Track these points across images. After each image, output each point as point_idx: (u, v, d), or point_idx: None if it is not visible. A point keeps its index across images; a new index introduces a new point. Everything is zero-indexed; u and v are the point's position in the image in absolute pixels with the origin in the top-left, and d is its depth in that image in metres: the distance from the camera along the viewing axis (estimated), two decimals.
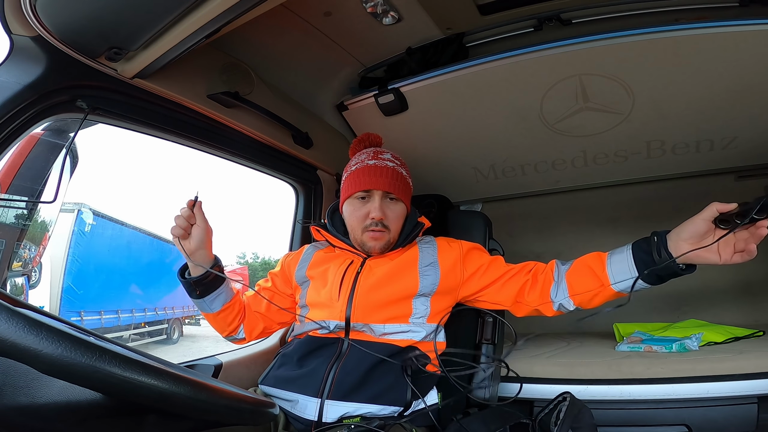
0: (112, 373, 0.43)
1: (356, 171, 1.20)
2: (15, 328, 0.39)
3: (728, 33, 1.28)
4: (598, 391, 1.32)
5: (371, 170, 1.17)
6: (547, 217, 2.36)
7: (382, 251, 1.20)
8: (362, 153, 1.25)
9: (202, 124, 1.29)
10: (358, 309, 1.13)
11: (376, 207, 1.15)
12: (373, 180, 1.16)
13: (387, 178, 1.17)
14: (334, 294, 1.16)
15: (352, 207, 1.20)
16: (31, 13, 0.84)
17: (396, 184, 1.18)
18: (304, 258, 1.30)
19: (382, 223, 1.16)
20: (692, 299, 2.06)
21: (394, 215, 1.19)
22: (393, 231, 1.20)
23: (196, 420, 0.61)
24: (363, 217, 1.17)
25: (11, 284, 1.57)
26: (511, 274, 1.18)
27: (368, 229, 1.17)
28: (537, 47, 1.42)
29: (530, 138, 1.78)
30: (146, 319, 8.94)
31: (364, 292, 1.15)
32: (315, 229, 1.30)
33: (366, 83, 1.70)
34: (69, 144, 1.04)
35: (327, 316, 1.15)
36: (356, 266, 1.20)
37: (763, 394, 1.19)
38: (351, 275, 1.18)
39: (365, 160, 1.20)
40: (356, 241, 1.22)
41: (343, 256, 1.24)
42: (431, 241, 1.28)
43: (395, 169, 1.20)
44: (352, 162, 1.25)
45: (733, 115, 1.57)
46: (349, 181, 1.21)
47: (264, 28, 1.32)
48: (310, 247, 1.34)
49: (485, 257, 1.24)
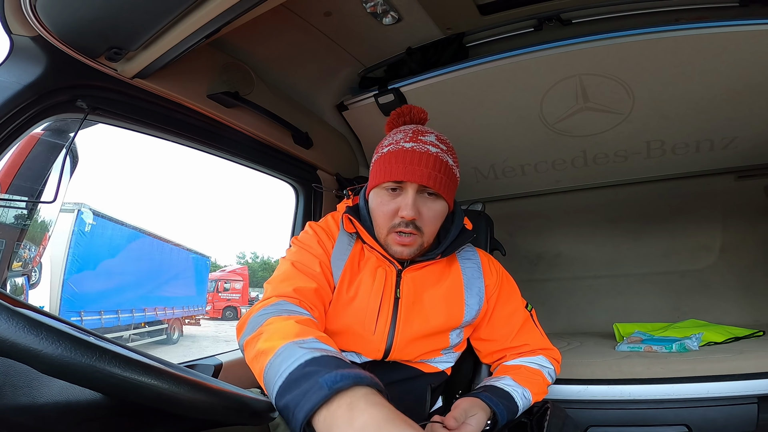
0: (112, 373, 0.43)
1: (388, 155, 0.93)
2: (15, 328, 0.39)
3: (728, 33, 1.28)
4: (598, 391, 1.32)
5: (407, 156, 0.91)
6: (547, 217, 2.36)
7: (412, 257, 0.98)
8: (399, 131, 0.97)
9: (202, 124, 1.29)
10: (397, 347, 0.96)
11: (408, 204, 0.90)
12: (408, 169, 0.90)
13: (426, 167, 0.90)
14: (370, 325, 0.95)
15: (380, 199, 0.95)
16: (31, 13, 0.84)
17: (437, 176, 0.91)
18: (340, 248, 1.00)
19: (414, 223, 0.92)
20: (692, 299, 2.07)
21: (431, 215, 0.94)
22: (427, 234, 0.95)
23: (196, 420, 0.61)
24: (391, 214, 0.93)
25: (11, 284, 1.57)
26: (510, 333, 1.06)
27: (395, 230, 0.93)
28: (537, 47, 1.42)
29: (530, 138, 1.78)
30: (146, 319, 8.95)
31: (407, 323, 0.96)
32: (348, 218, 0.99)
33: (366, 83, 1.71)
34: (69, 144, 1.04)
35: (358, 348, 0.96)
36: (392, 282, 0.98)
37: (763, 394, 1.19)
38: (389, 298, 0.96)
39: (401, 141, 0.93)
40: (380, 239, 0.97)
41: (373, 260, 1.00)
42: (473, 254, 1.08)
43: (438, 156, 0.92)
44: (385, 141, 0.97)
45: (733, 115, 1.58)
46: (378, 165, 0.95)
47: (264, 28, 1.32)
48: (343, 232, 1.02)
49: (515, 301, 1.08)
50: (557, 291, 2.35)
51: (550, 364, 1.05)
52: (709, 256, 2.11)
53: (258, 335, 0.74)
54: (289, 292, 0.87)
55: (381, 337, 0.95)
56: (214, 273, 14.48)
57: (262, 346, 0.70)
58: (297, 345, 0.66)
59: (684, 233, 2.15)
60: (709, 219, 2.11)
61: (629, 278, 2.22)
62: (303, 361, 0.61)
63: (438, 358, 1.02)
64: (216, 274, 14.55)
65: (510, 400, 0.94)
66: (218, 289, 14.19)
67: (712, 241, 2.11)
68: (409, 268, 0.99)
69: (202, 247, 27.15)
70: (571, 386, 1.34)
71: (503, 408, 0.91)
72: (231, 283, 14.45)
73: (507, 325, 1.05)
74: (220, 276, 14.61)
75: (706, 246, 2.12)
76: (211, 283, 13.50)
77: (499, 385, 0.96)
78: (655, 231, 2.19)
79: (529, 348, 1.05)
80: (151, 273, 8.95)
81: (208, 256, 11.82)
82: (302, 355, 0.62)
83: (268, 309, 0.81)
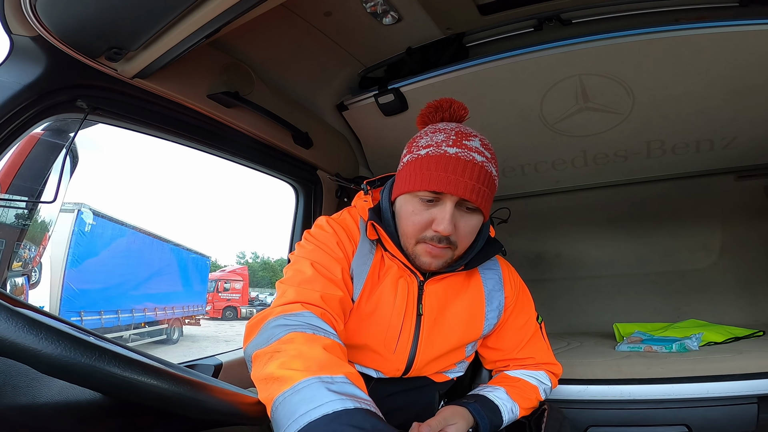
0: (111, 373, 0.43)
1: (427, 159, 0.81)
2: (15, 328, 0.39)
3: (728, 33, 1.28)
4: (598, 391, 1.32)
5: (450, 163, 0.80)
6: (547, 217, 2.36)
7: (439, 269, 0.90)
8: (439, 131, 0.85)
9: (202, 124, 1.29)
10: (418, 365, 0.92)
11: (446, 219, 0.80)
12: (450, 179, 0.79)
13: (471, 179, 0.80)
14: (391, 344, 0.89)
15: (411, 207, 0.84)
16: (31, 13, 0.84)
17: (480, 189, 0.81)
18: (362, 254, 0.91)
19: (448, 239, 0.83)
20: (692, 299, 2.07)
21: (468, 230, 0.85)
22: (460, 249, 0.87)
23: (196, 420, 0.61)
24: (424, 226, 0.83)
25: (11, 284, 1.57)
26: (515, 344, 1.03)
27: (426, 241, 0.84)
28: (537, 47, 1.42)
29: (530, 138, 1.78)
30: (146, 319, 8.96)
31: (429, 341, 0.91)
32: (372, 225, 0.90)
33: (366, 83, 1.71)
34: (69, 144, 1.04)
35: (377, 366, 0.91)
36: (414, 295, 0.91)
37: (763, 394, 1.19)
38: (411, 314, 0.90)
39: (443, 145, 0.82)
40: (406, 248, 0.88)
41: (394, 269, 0.92)
42: (494, 263, 1.02)
43: (483, 166, 0.81)
44: (421, 140, 0.85)
45: (733, 115, 1.58)
46: (413, 169, 0.83)
47: (264, 28, 1.32)
48: (364, 238, 0.93)
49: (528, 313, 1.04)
50: (557, 291, 2.34)
51: (549, 380, 1.04)
52: (709, 256, 2.11)
53: (273, 352, 0.64)
54: (316, 299, 0.77)
55: (402, 357, 0.90)
56: (214, 273, 14.50)
57: (276, 372, 0.60)
58: (323, 384, 0.56)
59: (684, 233, 2.15)
60: (709, 219, 2.11)
61: (629, 278, 2.22)
62: (330, 412, 0.51)
63: (452, 369, 1.02)
64: (216, 274, 14.57)
65: (497, 413, 0.93)
66: (218, 289, 14.20)
67: (712, 241, 2.11)
68: (431, 280, 0.92)
69: (202, 247, 27.16)
70: (571, 386, 1.34)
71: (488, 421, 0.91)
72: (231, 283, 14.46)
73: (516, 336, 1.03)
74: (220, 276, 14.62)
75: (706, 246, 2.12)
76: (211, 283, 13.52)
77: (491, 397, 0.95)
78: (655, 231, 2.19)
79: (534, 362, 1.03)
80: (151, 273, 8.96)
81: (208, 256, 11.85)
82: (329, 402, 0.52)
83: (290, 319, 0.71)
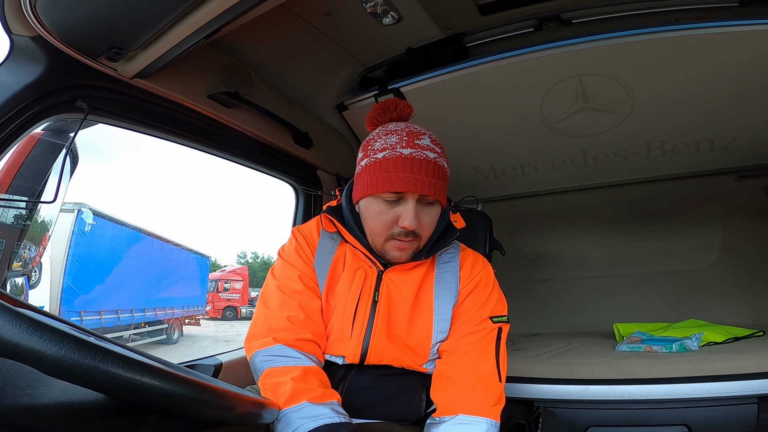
0: (114, 373, 0.43)
1: (384, 162, 0.87)
2: (18, 330, 0.39)
3: (728, 33, 1.29)
4: (598, 391, 1.32)
5: (408, 164, 0.86)
6: (547, 217, 2.36)
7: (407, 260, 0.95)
8: (392, 133, 0.91)
9: (202, 124, 1.29)
10: (373, 351, 0.94)
11: (409, 215, 0.87)
12: (410, 179, 0.85)
13: (428, 176, 0.86)
14: (346, 329, 0.94)
15: (377, 208, 0.90)
16: (31, 13, 0.84)
17: (437, 183, 0.88)
18: (323, 253, 1.00)
19: (413, 232, 0.90)
20: (692, 299, 2.07)
21: (430, 221, 0.92)
22: (424, 239, 0.93)
23: (197, 420, 0.61)
24: (390, 224, 0.89)
25: (11, 284, 1.57)
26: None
27: (395, 237, 0.90)
28: (537, 47, 1.42)
29: (530, 138, 1.78)
30: (146, 319, 8.96)
31: (383, 326, 0.94)
32: (327, 218, 0.98)
33: (366, 83, 1.71)
34: (69, 144, 1.04)
35: (336, 351, 0.96)
36: (371, 283, 0.96)
37: (763, 394, 1.19)
38: (366, 300, 0.95)
39: (397, 146, 0.88)
40: (375, 246, 0.94)
41: (355, 259, 0.99)
42: (454, 258, 1.02)
43: (436, 162, 0.88)
44: (376, 144, 0.91)
45: (733, 115, 1.58)
46: (373, 172, 0.89)
47: (264, 28, 1.32)
48: (324, 234, 1.01)
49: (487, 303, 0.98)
50: (557, 291, 2.35)
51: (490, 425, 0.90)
52: (709, 256, 2.11)
53: (261, 386, 0.86)
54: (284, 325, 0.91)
55: (357, 342, 0.94)
56: (214, 273, 14.49)
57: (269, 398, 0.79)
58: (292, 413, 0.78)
59: (684, 233, 2.15)
60: (709, 219, 2.11)
61: (629, 278, 2.22)
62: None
63: (428, 363, 0.98)
64: (216, 274, 14.56)
65: None
66: (218, 289, 14.20)
67: (712, 241, 2.11)
68: (390, 269, 0.96)
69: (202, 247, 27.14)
70: (571, 386, 1.34)
71: None
72: (231, 283, 14.45)
73: (467, 323, 0.96)
74: (220, 276, 14.61)
75: (706, 246, 2.12)
76: (211, 283, 13.51)
77: None
78: (656, 231, 2.20)
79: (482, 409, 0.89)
80: (151, 273, 8.96)
81: (208, 256, 11.84)
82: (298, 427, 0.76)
83: (266, 355, 0.89)
